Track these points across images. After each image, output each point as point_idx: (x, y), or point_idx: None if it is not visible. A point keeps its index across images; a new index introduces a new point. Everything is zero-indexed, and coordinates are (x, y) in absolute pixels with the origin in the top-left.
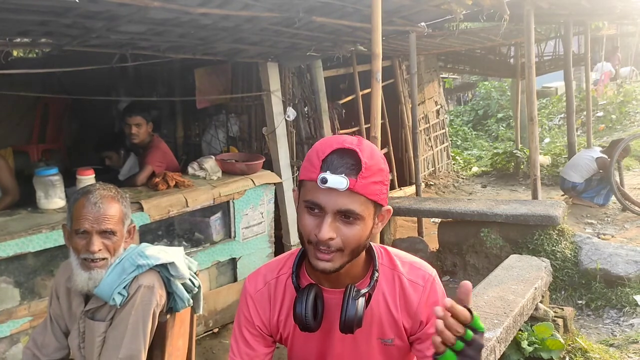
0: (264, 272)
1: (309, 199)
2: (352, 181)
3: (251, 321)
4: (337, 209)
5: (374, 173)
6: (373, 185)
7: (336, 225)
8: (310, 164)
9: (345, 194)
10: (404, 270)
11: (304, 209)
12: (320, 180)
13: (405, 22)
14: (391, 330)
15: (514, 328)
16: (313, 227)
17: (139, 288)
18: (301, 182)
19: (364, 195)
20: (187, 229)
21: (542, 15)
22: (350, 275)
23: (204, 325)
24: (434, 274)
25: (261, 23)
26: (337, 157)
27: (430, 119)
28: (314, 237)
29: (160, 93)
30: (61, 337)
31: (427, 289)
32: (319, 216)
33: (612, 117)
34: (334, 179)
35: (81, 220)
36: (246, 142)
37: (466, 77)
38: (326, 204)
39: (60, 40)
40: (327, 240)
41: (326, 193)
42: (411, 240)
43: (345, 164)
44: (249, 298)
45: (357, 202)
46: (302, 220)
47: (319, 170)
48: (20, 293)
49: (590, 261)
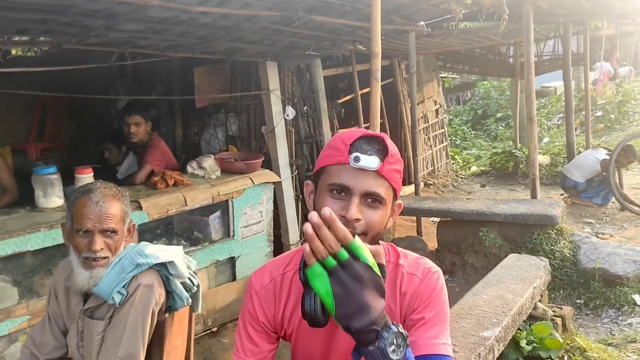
0: (270, 268)
1: (334, 181)
2: (381, 164)
3: (256, 317)
4: (365, 191)
5: (397, 161)
6: (395, 173)
7: (361, 208)
8: (335, 150)
9: (372, 176)
10: (405, 264)
11: (326, 194)
12: (354, 158)
13: (405, 22)
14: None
15: (513, 327)
16: (337, 209)
17: (138, 287)
18: (321, 169)
19: (388, 180)
20: (186, 228)
21: (542, 15)
22: None
23: (202, 324)
24: (436, 270)
25: (260, 22)
26: (365, 142)
27: (429, 118)
28: (338, 217)
29: (159, 92)
30: (60, 336)
31: (423, 281)
32: (343, 199)
33: (611, 116)
34: (367, 158)
35: (83, 220)
36: (245, 141)
37: (465, 77)
38: (354, 185)
39: (59, 39)
40: (354, 221)
41: (354, 175)
42: (410, 240)
43: (373, 148)
44: (254, 294)
45: (382, 186)
46: (323, 204)
47: (347, 154)
48: (19, 292)
49: (588, 260)
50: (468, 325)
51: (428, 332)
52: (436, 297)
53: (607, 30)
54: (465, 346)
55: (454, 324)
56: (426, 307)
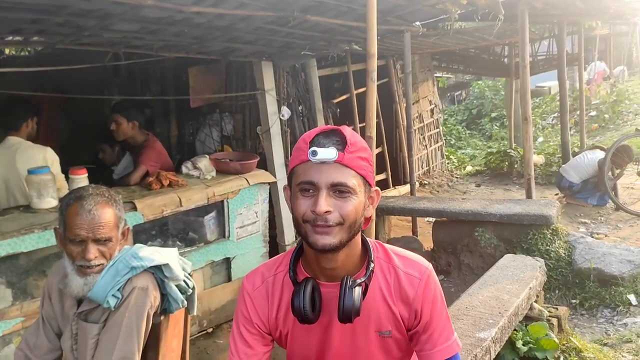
0: (262, 270)
1: (300, 180)
2: (340, 154)
3: (249, 319)
4: (330, 182)
5: (359, 149)
6: (360, 160)
7: (331, 200)
8: (298, 150)
9: (335, 167)
10: (400, 263)
11: (297, 193)
12: (311, 153)
13: (400, 22)
14: (389, 322)
15: (509, 328)
16: (308, 206)
17: (133, 290)
18: (291, 172)
19: (353, 168)
20: (181, 229)
21: (536, 15)
22: (347, 267)
23: (198, 325)
24: (430, 268)
25: (255, 22)
26: (323, 137)
27: (424, 118)
28: (310, 214)
29: (153, 92)
30: (53, 339)
31: (423, 281)
32: (313, 195)
33: (605, 116)
34: (324, 150)
35: (75, 229)
36: (240, 141)
37: (460, 77)
38: (319, 179)
39: (53, 39)
40: (325, 213)
41: (317, 169)
42: (406, 240)
43: (332, 140)
44: (247, 296)
45: (347, 175)
46: (296, 204)
47: (307, 150)
48: (13, 293)
49: (584, 260)
50: (464, 326)
51: (440, 338)
52: (437, 297)
53: (601, 30)
54: (462, 347)
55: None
56: (432, 310)
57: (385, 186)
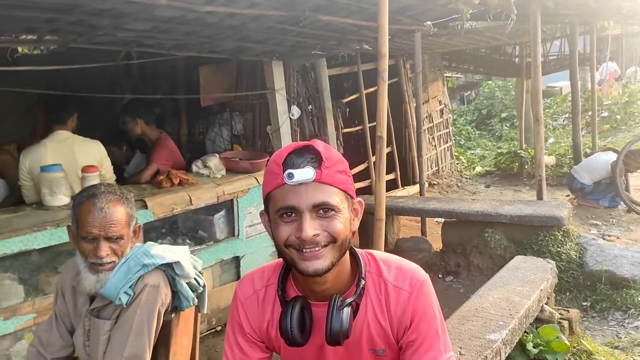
0: (254, 278)
1: (280, 205)
2: (317, 172)
3: (242, 328)
4: (311, 204)
5: (336, 162)
6: (338, 174)
7: (316, 222)
8: (272, 174)
9: (315, 187)
10: (390, 277)
11: (277, 220)
12: (287, 176)
13: (412, 21)
14: (381, 340)
15: (520, 330)
16: (291, 231)
17: (144, 287)
18: (267, 197)
19: (333, 184)
20: (191, 227)
21: (548, 15)
22: (337, 285)
23: (206, 324)
24: (424, 279)
25: (267, 21)
26: (296, 156)
27: (434, 118)
28: (294, 239)
29: (164, 91)
30: (66, 335)
31: (412, 294)
32: (294, 220)
33: (617, 117)
34: (300, 171)
35: (87, 227)
36: (250, 141)
37: (469, 77)
38: (299, 203)
39: (66, 38)
40: (313, 237)
41: (296, 192)
42: (415, 240)
43: (306, 159)
44: (239, 304)
45: (329, 193)
46: (278, 231)
47: (282, 173)
48: (25, 290)
49: (595, 263)
50: (474, 327)
51: (428, 354)
52: (427, 311)
53: (614, 31)
54: (472, 349)
55: (460, 326)
56: (419, 324)
57: (394, 186)
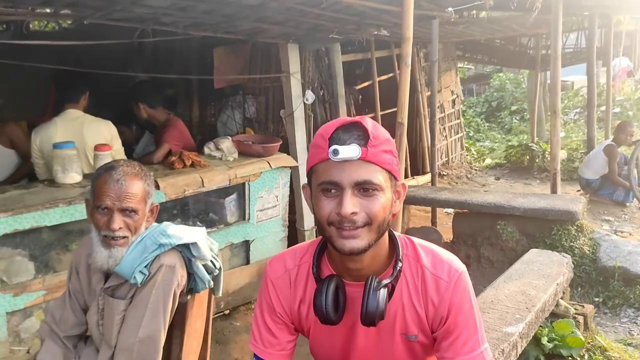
0: (286, 258)
1: (322, 180)
2: (363, 150)
3: (272, 307)
4: (354, 181)
5: (383, 142)
6: (384, 154)
7: (357, 200)
8: (317, 147)
9: (359, 165)
10: (428, 263)
11: (319, 194)
12: (332, 152)
13: (433, 7)
14: (415, 325)
15: (536, 324)
16: (333, 207)
17: (160, 267)
18: (310, 170)
19: (378, 164)
20: (202, 209)
21: (569, 6)
22: (373, 266)
23: (215, 307)
24: (462, 270)
25: (287, 2)
26: (343, 131)
27: (445, 108)
28: (335, 216)
29: (177, 71)
30: (80, 313)
31: (450, 285)
32: (336, 195)
33: (629, 113)
34: (345, 148)
35: (103, 197)
36: (262, 124)
37: (480, 68)
38: (342, 179)
39: (83, 12)
40: (351, 215)
41: (340, 168)
42: (425, 230)
43: (352, 135)
44: (269, 283)
45: (372, 172)
46: (319, 206)
47: (327, 148)
48: (35, 267)
49: (608, 259)
50: (490, 319)
51: (465, 347)
52: (465, 303)
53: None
54: (489, 341)
55: None
56: (457, 317)
57: (404, 176)
